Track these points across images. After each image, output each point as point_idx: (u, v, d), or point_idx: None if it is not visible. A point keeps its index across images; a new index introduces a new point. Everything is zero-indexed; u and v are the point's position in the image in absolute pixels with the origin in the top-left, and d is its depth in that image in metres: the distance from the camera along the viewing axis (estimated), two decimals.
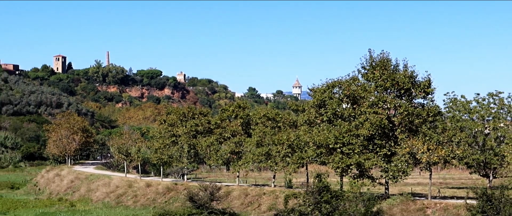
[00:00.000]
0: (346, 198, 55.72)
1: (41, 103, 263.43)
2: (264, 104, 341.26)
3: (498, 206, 43.28)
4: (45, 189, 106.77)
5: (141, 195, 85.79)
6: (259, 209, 67.27)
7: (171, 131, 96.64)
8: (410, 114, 61.77)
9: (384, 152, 61.33)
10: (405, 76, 62.62)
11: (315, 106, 67.98)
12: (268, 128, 78.18)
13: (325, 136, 63.08)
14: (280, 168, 72.25)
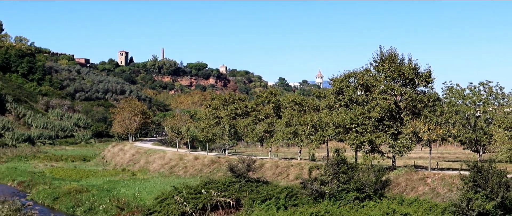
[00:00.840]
0: (360, 169, 55.96)
1: (108, 90, 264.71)
2: (292, 91, 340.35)
3: (486, 176, 43.30)
4: (111, 161, 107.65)
5: (190, 166, 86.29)
6: (287, 178, 67.49)
7: (215, 114, 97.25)
8: (414, 100, 61.94)
9: (391, 131, 61.54)
10: (409, 68, 62.79)
11: (334, 93, 68.27)
12: (295, 111, 78.49)
13: (343, 118, 63.51)
14: (305, 144, 72.55)
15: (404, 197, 53.03)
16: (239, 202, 59.03)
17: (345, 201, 51.76)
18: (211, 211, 58.37)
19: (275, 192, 58.56)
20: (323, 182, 54.87)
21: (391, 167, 61.05)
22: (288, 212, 51.45)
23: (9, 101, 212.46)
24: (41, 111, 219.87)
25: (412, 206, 48.72)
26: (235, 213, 57.20)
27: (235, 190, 60.88)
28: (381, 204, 49.05)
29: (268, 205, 55.19)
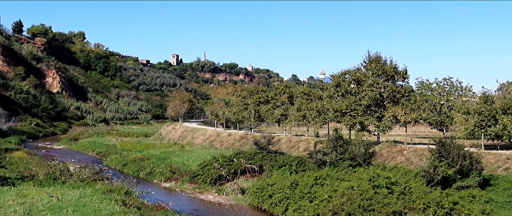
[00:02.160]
0: (353, 143, 56.05)
1: (163, 84, 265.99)
2: (301, 84, 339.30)
3: (448, 149, 43.21)
4: (165, 137, 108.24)
5: (225, 141, 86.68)
6: (298, 150, 67.61)
7: (243, 101, 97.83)
8: (394, 91, 62.03)
9: (377, 115, 61.62)
10: (390, 67, 62.86)
11: (334, 86, 68.48)
12: (304, 100, 78.73)
13: (340, 105, 63.76)
14: (311, 124, 72.65)
15: (386, 164, 53.09)
16: (261, 168, 59.39)
17: (342, 167, 51.96)
18: (240, 175, 58.84)
19: (288, 160, 58.90)
20: (325, 153, 55.05)
21: (376, 142, 61.05)
22: (298, 175, 51.67)
23: (89, 91, 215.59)
24: (114, 99, 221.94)
25: (392, 171, 48.78)
26: (259, 176, 57.51)
27: (258, 159, 61.22)
28: (368, 170, 49.14)
29: (284, 170, 55.54)
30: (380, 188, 41.76)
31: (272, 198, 47.40)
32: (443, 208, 37.43)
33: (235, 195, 53.23)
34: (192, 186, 58.96)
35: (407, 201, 39.42)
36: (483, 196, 39.24)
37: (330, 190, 44.35)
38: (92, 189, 45.87)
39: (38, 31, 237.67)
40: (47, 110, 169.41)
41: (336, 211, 39.68)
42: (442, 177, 41.86)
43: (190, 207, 47.88)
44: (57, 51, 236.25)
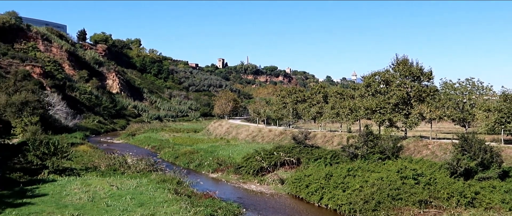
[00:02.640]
0: (382, 138, 55.65)
1: (210, 85, 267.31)
2: (335, 85, 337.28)
3: (470, 143, 42.64)
4: (212, 133, 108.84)
5: (266, 136, 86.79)
6: (332, 144, 67.37)
7: (283, 100, 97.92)
8: (420, 91, 61.42)
9: (404, 112, 60.97)
10: (417, 69, 62.22)
11: (365, 86, 67.94)
12: (338, 99, 78.49)
13: (370, 103, 63.29)
14: (344, 121, 72.26)
15: (413, 158, 52.55)
16: (299, 160, 59.35)
17: (372, 160, 51.66)
18: (280, 167, 58.92)
19: (323, 153, 58.79)
20: (356, 147, 54.80)
21: (404, 137, 60.46)
22: (332, 167, 51.56)
23: (145, 92, 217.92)
24: (166, 99, 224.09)
25: (418, 163, 48.31)
26: (296, 168, 57.48)
27: (296, 152, 61.21)
28: (396, 162, 48.81)
29: (319, 162, 55.45)
30: (407, 179, 41.47)
31: (309, 187, 47.47)
32: (466, 197, 37.01)
33: (275, 185, 53.38)
34: (236, 176, 59.28)
35: (432, 191, 39.03)
36: (502, 187, 38.66)
37: (362, 180, 44.22)
38: (148, 179, 46.52)
39: (99, 39, 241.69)
40: (107, 109, 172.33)
41: (367, 199, 39.57)
42: (464, 169, 41.36)
43: (235, 196, 48.19)
44: (116, 56, 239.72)
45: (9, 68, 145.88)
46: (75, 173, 49.14)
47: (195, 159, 71.35)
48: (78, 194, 37.60)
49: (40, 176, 46.46)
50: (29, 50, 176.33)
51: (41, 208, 33.08)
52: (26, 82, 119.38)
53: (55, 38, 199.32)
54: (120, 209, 33.45)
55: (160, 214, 32.33)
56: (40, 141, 53.64)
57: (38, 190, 39.43)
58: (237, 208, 39.33)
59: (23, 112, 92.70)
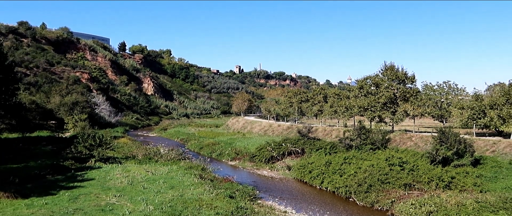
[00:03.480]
0: (373, 132, 55.43)
1: (229, 87, 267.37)
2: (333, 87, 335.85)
3: (447, 136, 42.41)
4: (231, 127, 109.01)
5: (276, 130, 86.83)
6: (331, 137, 67.23)
7: (289, 100, 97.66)
8: (404, 92, 61.09)
9: (391, 110, 60.71)
10: (402, 73, 61.84)
11: (358, 88, 67.62)
12: (335, 99, 78.07)
13: (363, 103, 63.05)
14: (341, 117, 72.01)
15: (399, 148, 52.33)
16: (303, 150, 59.35)
17: (364, 150, 51.49)
18: (287, 156, 58.94)
19: (323, 145, 58.71)
20: (351, 139, 54.65)
21: (391, 130, 60.20)
22: (331, 156, 51.49)
23: (175, 93, 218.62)
24: (192, 99, 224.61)
25: (403, 153, 48.09)
26: (301, 157, 57.46)
27: (301, 144, 61.21)
28: (385, 152, 48.62)
29: (320, 152, 55.39)
30: (394, 166, 41.37)
31: (311, 173, 47.55)
32: (443, 181, 36.90)
33: (283, 171, 53.49)
34: (251, 164, 59.43)
35: (415, 176, 38.94)
36: (474, 172, 38.48)
37: (356, 167, 44.18)
38: (177, 166, 46.77)
39: (137, 49, 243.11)
40: (143, 108, 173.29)
41: (360, 183, 39.57)
42: (442, 158, 41.17)
43: (250, 180, 48.32)
44: (150, 64, 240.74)
45: (62, 74, 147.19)
46: (117, 161, 49.51)
47: (217, 150, 71.57)
48: (120, 179, 37.92)
49: (88, 163, 46.90)
50: (78, 59, 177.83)
51: (89, 190, 33.42)
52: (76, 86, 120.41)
53: (100, 49, 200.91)
54: (154, 191, 33.71)
55: (187, 195, 32.53)
56: (88, 135, 54.17)
57: (86, 175, 39.83)
58: (251, 190, 39.47)
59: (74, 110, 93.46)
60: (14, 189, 31.92)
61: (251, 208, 31.17)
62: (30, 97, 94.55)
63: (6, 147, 53.99)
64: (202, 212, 27.76)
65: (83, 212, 27.22)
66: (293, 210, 34.83)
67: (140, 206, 28.85)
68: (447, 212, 29.98)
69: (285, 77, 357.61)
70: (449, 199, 31.96)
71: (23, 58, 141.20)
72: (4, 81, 51.45)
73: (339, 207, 36.43)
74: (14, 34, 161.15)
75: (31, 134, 72.84)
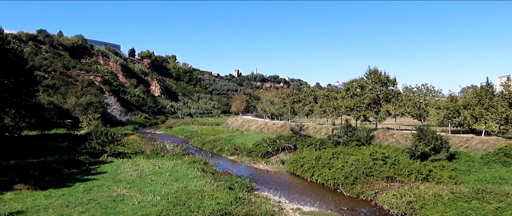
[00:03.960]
0: (358, 129, 55.46)
1: (229, 89, 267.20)
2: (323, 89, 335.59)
3: (425, 133, 42.52)
4: (230, 125, 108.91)
5: (271, 128, 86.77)
6: (320, 134, 67.21)
7: (283, 101, 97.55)
8: (387, 94, 61.15)
9: (375, 110, 60.74)
10: (384, 77, 61.93)
11: (345, 90, 67.59)
12: (325, 100, 78.13)
13: (349, 103, 63.06)
14: (330, 116, 72.07)
15: (381, 144, 52.41)
16: (295, 146, 59.33)
17: (351, 146, 51.52)
18: (281, 151, 58.93)
19: (314, 141, 58.72)
20: (339, 136, 54.67)
21: (375, 128, 60.31)
22: (321, 151, 51.46)
23: (179, 95, 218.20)
24: (195, 100, 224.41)
25: (386, 148, 48.17)
26: (294, 152, 57.43)
27: (293, 140, 61.18)
28: (369, 148, 48.64)
29: (311, 148, 55.39)
30: (378, 160, 41.39)
31: (303, 167, 47.53)
32: (422, 174, 36.97)
33: (278, 165, 53.47)
34: (248, 158, 59.39)
35: (396, 169, 38.99)
36: (450, 166, 38.58)
37: (343, 161, 44.19)
38: (182, 161, 46.72)
39: (145, 55, 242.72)
40: (151, 108, 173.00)
41: (347, 176, 39.59)
42: (421, 153, 41.25)
43: (247, 173, 48.32)
44: (157, 68, 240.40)
45: (77, 78, 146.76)
46: (127, 156, 49.44)
47: (217, 146, 71.49)
48: (130, 172, 37.87)
49: (101, 158, 46.82)
50: (92, 64, 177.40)
51: (102, 182, 33.37)
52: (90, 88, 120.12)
53: (111, 55, 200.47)
54: (161, 183, 33.67)
55: (191, 186, 32.51)
56: (101, 132, 54.08)
57: (99, 169, 39.76)
58: (249, 182, 39.44)
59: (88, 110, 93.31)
60: (34, 181, 31.87)
61: (248, 199, 31.18)
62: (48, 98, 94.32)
63: (26, 144, 53.88)
64: (204, 202, 27.76)
65: (96, 202, 27.19)
66: (286, 200, 34.85)
67: (148, 196, 28.83)
68: (425, 202, 30.05)
69: (279, 80, 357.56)
70: (427, 190, 32.02)
71: (41, 62, 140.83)
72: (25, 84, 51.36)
73: (328, 197, 36.47)
74: (34, 41, 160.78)
75: (49, 131, 72.74)
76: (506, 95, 44.11)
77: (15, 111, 52.06)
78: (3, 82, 46.10)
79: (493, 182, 33.50)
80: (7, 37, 50.65)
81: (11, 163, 40.99)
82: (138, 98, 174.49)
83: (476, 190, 29.99)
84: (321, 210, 31.79)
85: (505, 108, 43.23)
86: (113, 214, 24.69)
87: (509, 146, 39.85)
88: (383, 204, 32.81)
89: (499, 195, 28.42)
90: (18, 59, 50.46)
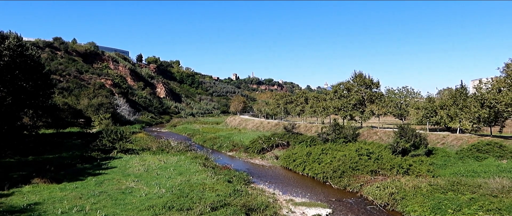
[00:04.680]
0: (345, 128, 55.54)
1: (227, 91, 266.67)
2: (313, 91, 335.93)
3: (406, 131, 42.65)
4: (229, 124, 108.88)
5: (266, 126, 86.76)
6: (311, 132, 67.24)
7: (277, 102, 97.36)
8: (371, 95, 61.12)
9: (360, 110, 60.72)
10: (369, 80, 61.83)
11: (333, 92, 67.49)
12: (315, 101, 78.01)
13: (337, 104, 63.03)
14: (319, 116, 72.05)
15: (366, 141, 52.49)
16: (288, 143, 59.28)
17: (338, 143, 51.59)
18: (275, 147, 58.87)
19: (305, 138, 58.71)
20: (328, 134, 54.73)
21: (360, 127, 60.38)
22: (311, 148, 51.43)
23: (183, 96, 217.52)
24: (197, 101, 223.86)
25: (370, 145, 48.23)
26: (287, 148, 57.37)
27: (286, 137, 61.17)
28: (355, 144, 48.72)
29: (302, 145, 55.36)
30: (363, 155, 41.45)
31: (295, 162, 47.52)
32: (403, 168, 37.06)
33: (272, 160, 53.44)
34: (245, 154, 59.34)
35: (379, 163, 39.05)
36: (428, 161, 38.70)
37: (331, 157, 44.21)
38: (185, 156, 46.63)
39: (151, 60, 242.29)
40: (157, 108, 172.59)
41: (335, 170, 39.61)
42: (402, 149, 41.35)
43: (245, 167, 48.27)
44: (163, 72, 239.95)
45: (89, 81, 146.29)
46: (135, 152, 49.30)
47: (217, 143, 71.42)
48: (137, 167, 37.75)
49: (111, 154, 46.67)
50: (103, 68, 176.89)
51: (112, 176, 33.25)
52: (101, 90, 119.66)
53: (121, 60, 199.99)
54: (166, 176, 33.59)
55: (193, 180, 32.44)
56: (111, 131, 53.98)
57: (109, 164, 39.61)
58: (246, 176, 39.40)
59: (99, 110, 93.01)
60: (50, 175, 31.73)
61: (245, 191, 31.14)
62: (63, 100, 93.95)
63: (43, 141, 53.64)
64: (205, 194, 27.71)
65: (107, 194, 27.09)
66: (280, 192, 34.84)
67: (154, 189, 28.75)
68: (406, 193, 30.10)
69: (274, 83, 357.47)
70: (407, 182, 32.08)
71: (57, 67, 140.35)
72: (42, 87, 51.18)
73: (318, 189, 36.48)
74: (50, 48, 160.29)
75: (64, 130, 72.44)
76: (479, 97, 44.27)
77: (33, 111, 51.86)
78: (22, 85, 45.93)
79: (467, 175, 33.63)
80: (26, 44, 50.43)
81: (29, 158, 40.81)
82: (145, 99, 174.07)
83: (452, 182, 30.09)
84: (311, 201, 31.80)
85: (478, 108, 43.39)
86: (123, 205, 24.62)
87: (481, 142, 40.03)
88: (367, 195, 32.85)
89: (472, 187, 28.53)
90: (36, 64, 50.27)
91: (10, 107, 44.15)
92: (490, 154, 37.80)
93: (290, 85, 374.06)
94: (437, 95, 76.80)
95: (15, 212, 22.58)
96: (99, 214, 22.46)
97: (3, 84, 42.75)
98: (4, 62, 41.73)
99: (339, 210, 29.56)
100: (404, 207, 28.66)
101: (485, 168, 34.64)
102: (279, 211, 27.80)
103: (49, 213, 22.56)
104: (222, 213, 23.77)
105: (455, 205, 26.04)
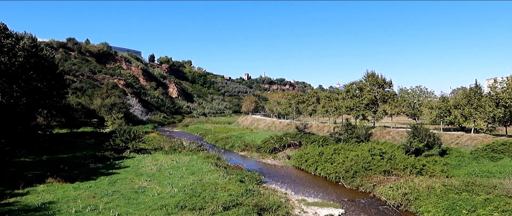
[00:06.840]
0: (357, 127, 55.23)
1: (239, 91, 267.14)
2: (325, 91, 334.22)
3: (419, 131, 42.24)
4: (241, 124, 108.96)
5: (277, 126, 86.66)
6: (323, 131, 66.95)
7: (289, 102, 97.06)
8: (383, 95, 60.66)
9: (373, 110, 60.28)
10: (381, 79, 61.39)
11: (345, 92, 67.07)
12: (327, 101, 77.64)
13: (349, 103, 62.66)
14: (331, 116, 71.74)
15: (379, 141, 52.10)
16: (300, 143, 59.16)
17: (351, 143, 51.31)
18: (287, 147, 58.80)
19: (317, 138, 58.51)
20: (340, 133, 54.49)
21: (373, 126, 59.95)
22: (323, 148, 51.25)
23: (195, 96, 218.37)
24: (209, 101, 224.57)
25: (383, 145, 47.85)
26: (299, 148, 57.25)
27: (298, 137, 61.06)
28: (368, 144, 48.43)
29: (314, 144, 55.17)
30: (375, 155, 41.18)
31: (307, 161, 47.41)
32: (416, 168, 36.74)
33: (284, 160, 53.38)
34: (257, 154, 59.36)
35: (392, 163, 38.77)
36: (442, 161, 38.28)
37: (344, 157, 44.02)
38: (197, 156, 46.80)
39: (163, 60, 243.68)
40: (169, 108, 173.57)
41: (347, 170, 39.42)
42: (415, 149, 40.96)
43: (257, 167, 48.29)
44: (175, 72, 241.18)
45: (102, 81, 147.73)
46: (147, 152, 49.63)
47: (229, 142, 71.54)
48: (150, 166, 37.99)
49: (124, 154, 47.04)
50: (116, 69, 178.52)
51: (124, 176, 33.52)
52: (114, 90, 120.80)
53: (133, 60, 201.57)
54: (178, 176, 33.75)
55: (205, 179, 32.55)
56: (124, 130, 54.37)
57: (122, 163, 39.93)
58: (258, 176, 39.40)
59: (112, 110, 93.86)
60: (64, 174, 32.10)
61: (257, 190, 31.15)
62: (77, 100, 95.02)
63: (57, 141, 54.27)
64: (217, 194, 27.78)
65: (120, 193, 27.32)
66: (292, 192, 34.78)
67: (166, 188, 28.91)
68: (419, 193, 29.83)
69: (285, 82, 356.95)
70: (421, 183, 31.79)
71: (71, 67, 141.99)
72: (56, 87, 51.83)
73: (330, 189, 36.34)
74: (64, 48, 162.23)
75: (77, 129, 73.23)
76: (493, 96, 43.65)
77: (47, 111, 52.57)
78: (37, 85, 46.55)
79: (481, 175, 33.20)
80: (40, 45, 51.10)
81: (43, 158, 41.35)
82: (157, 99, 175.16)
83: (466, 183, 29.72)
84: (324, 201, 31.69)
85: (493, 107, 42.80)
86: (135, 204, 24.81)
87: (496, 142, 39.48)
88: (380, 196, 32.63)
89: (487, 188, 28.15)
90: (50, 65, 50.94)
91: (25, 107, 44.79)
92: (506, 154, 37.25)
93: (302, 84, 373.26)
94: (451, 94, 75.96)
95: (30, 211, 22.90)
96: (112, 213, 22.66)
97: (18, 84, 43.40)
98: (19, 63, 42.35)
99: (351, 211, 29.42)
100: (417, 207, 28.42)
101: (501, 168, 34.15)
102: (291, 211, 27.76)
103: (63, 212, 22.83)
104: (234, 213, 23.82)
105: (469, 206, 25.72)
